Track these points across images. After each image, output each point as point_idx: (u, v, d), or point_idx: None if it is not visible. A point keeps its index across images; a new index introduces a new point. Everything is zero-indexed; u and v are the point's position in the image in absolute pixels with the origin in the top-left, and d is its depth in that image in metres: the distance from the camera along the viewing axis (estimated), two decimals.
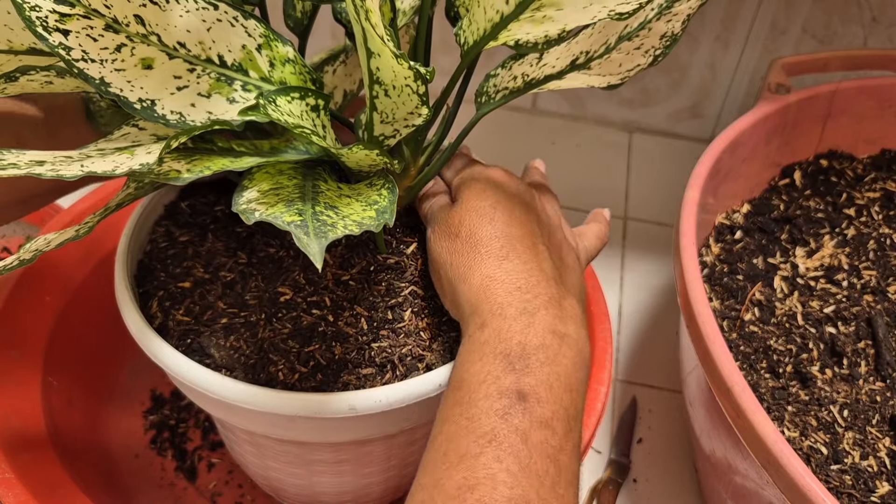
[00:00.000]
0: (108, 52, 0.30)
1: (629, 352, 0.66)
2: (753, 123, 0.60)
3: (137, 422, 0.57)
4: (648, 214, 0.79)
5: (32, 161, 0.29)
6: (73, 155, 0.30)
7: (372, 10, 0.27)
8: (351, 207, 0.31)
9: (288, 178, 0.33)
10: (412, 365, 0.38)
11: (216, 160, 0.32)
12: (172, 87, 0.32)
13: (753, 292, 0.55)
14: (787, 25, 0.76)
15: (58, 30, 0.28)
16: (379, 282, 0.40)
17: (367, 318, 0.39)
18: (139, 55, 0.31)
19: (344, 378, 0.37)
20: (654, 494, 0.57)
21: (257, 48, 0.33)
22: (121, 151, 0.31)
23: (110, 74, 0.30)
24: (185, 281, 0.40)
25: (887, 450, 0.46)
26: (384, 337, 0.38)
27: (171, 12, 0.31)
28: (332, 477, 0.45)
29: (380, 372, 0.37)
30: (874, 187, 0.64)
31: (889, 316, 0.53)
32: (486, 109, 0.40)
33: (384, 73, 0.31)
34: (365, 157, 0.33)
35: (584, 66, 0.38)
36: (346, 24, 0.42)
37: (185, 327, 0.38)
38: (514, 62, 0.39)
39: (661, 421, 0.61)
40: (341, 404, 0.35)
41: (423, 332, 0.39)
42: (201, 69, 0.32)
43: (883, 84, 0.65)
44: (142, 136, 0.34)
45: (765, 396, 0.49)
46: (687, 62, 0.81)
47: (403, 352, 0.38)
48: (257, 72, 0.34)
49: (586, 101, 0.87)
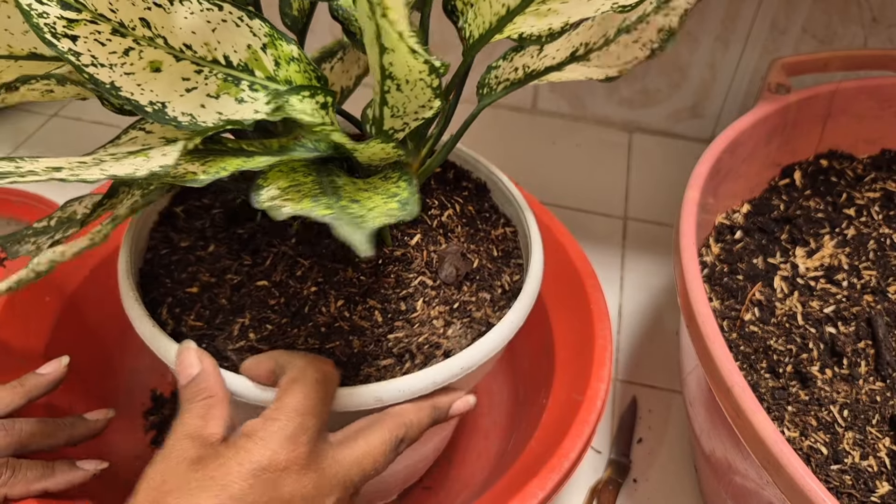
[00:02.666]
0: (116, 56, 0.30)
1: (629, 352, 0.66)
2: (753, 123, 0.60)
3: (138, 422, 0.57)
4: (648, 214, 0.79)
5: (49, 168, 0.29)
6: (86, 160, 0.30)
7: (391, 6, 0.27)
8: (372, 201, 0.32)
9: (303, 175, 0.33)
10: (430, 353, 0.38)
11: (230, 160, 0.32)
12: (181, 89, 0.32)
13: (753, 292, 0.55)
14: (788, 25, 0.76)
15: (66, 36, 0.29)
16: (388, 274, 0.40)
17: (380, 310, 0.39)
18: (147, 58, 0.31)
19: (364, 371, 0.37)
20: (654, 494, 0.57)
21: (262, 47, 0.33)
22: (135, 155, 0.31)
23: (120, 78, 0.30)
24: (191, 286, 0.40)
25: (887, 450, 0.46)
26: (399, 328, 0.39)
27: (176, 14, 0.31)
28: None
29: (398, 362, 0.38)
30: (874, 187, 0.64)
31: (889, 316, 0.53)
32: (487, 101, 0.40)
33: (398, 68, 0.31)
34: (381, 150, 0.33)
35: (584, 58, 0.39)
36: (343, 21, 0.42)
37: (199, 332, 0.38)
38: (516, 54, 0.40)
39: (661, 421, 0.61)
40: (368, 396, 0.35)
41: (435, 321, 0.39)
42: (208, 70, 0.32)
43: (883, 84, 0.65)
44: (150, 139, 0.34)
45: (765, 396, 0.49)
46: (687, 62, 0.81)
47: (420, 341, 0.38)
48: (263, 71, 0.34)
49: (586, 101, 0.87)
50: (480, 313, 0.41)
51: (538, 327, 0.56)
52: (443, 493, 0.54)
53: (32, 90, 0.33)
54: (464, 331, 0.40)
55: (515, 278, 0.44)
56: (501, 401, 0.60)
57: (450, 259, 0.42)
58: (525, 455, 0.48)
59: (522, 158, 0.85)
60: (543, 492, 0.42)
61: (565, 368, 0.52)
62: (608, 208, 0.80)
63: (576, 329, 0.53)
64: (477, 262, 0.44)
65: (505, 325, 0.40)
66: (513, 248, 0.46)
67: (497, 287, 0.43)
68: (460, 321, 0.40)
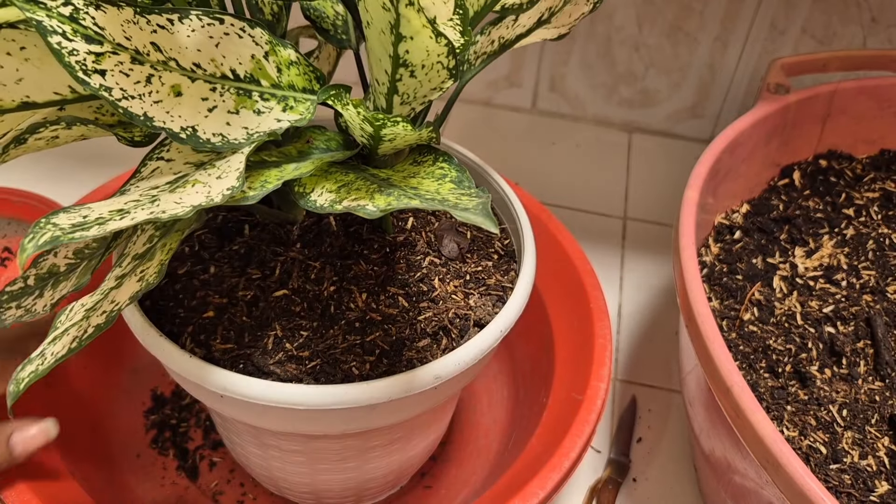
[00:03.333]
0: (141, 85, 0.30)
1: (629, 351, 0.66)
2: (753, 124, 0.60)
3: (138, 421, 0.57)
4: (648, 214, 0.79)
5: (113, 212, 0.28)
6: (141, 199, 0.30)
7: None
8: (424, 187, 0.32)
9: (342, 174, 0.33)
10: (464, 325, 0.40)
11: (267, 173, 0.32)
12: (204, 110, 0.32)
13: (753, 292, 0.55)
14: (787, 26, 0.76)
15: (96, 71, 0.28)
16: (398, 260, 0.41)
17: (403, 295, 0.40)
18: (167, 83, 0.30)
19: (406, 355, 0.38)
20: (654, 494, 0.57)
21: (265, 55, 0.33)
22: (177, 186, 0.31)
23: (151, 108, 0.30)
24: (206, 311, 0.40)
25: (886, 449, 0.46)
26: (426, 308, 0.40)
27: (179, 34, 0.31)
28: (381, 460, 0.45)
29: (435, 340, 0.39)
30: (873, 187, 0.64)
31: (888, 316, 0.53)
32: (468, 76, 0.41)
33: (415, 54, 0.31)
34: (410, 134, 0.33)
35: (547, 22, 0.40)
36: (315, 21, 0.42)
37: (233, 354, 0.38)
38: (493, 27, 0.41)
39: (661, 420, 0.61)
40: (427, 377, 0.36)
41: (455, 296, 0.41)
42: (221, 87, 0.32)
43: (882, 84, 0.65)
44: (176, 166, 0.33)
45: (764, 396, 0.49)
46: (686, 62, 0.81)
47: (449, 316, 0.40)
48: (267, 79, 0.34)
49: (586, 101, 0.87)
50: (492, 280, 0.43)
51: (538, 326, 0.56)
52: (443, 492, 0.54)
53: (39, 140, 0.32)
54: (484, 299, 0.42)
55: (506, 242, 0.46)
56: (501, 399, 0.60)
57: (447, 235, 0.44)
58: (525, 454, 0.48)
59: (522, 159, 0.85)
60: (544, 491, 0.43)
61: (565, 367, 0.52)
62: (608, 208, 0.80)
63: (575, 328, 0.53)
64: (469, 232, 0.45)
65: (522, 284, 0.41)
66: (496, 215, 0.48)
67: (493, 253, 0.45)
68: (477, 291, 0.42)
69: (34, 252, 0.26)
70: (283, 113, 0.33)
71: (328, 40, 0.43)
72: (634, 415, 0.61)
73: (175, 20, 0.31)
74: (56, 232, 0.26)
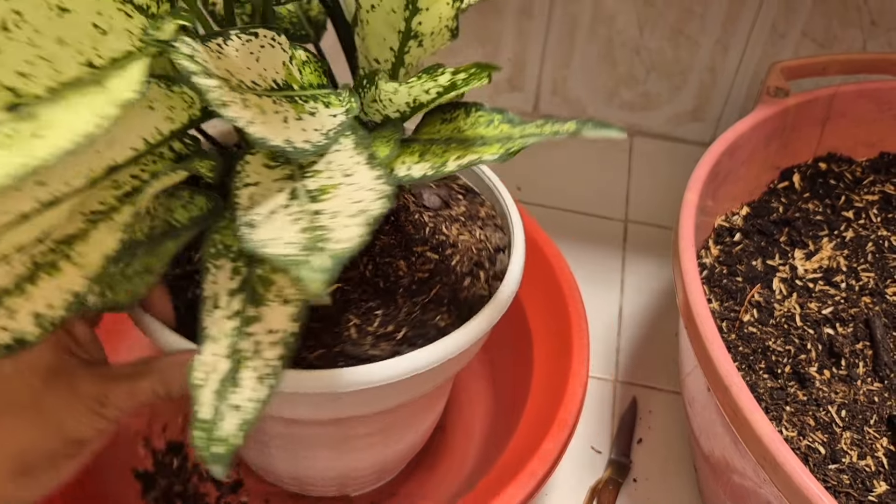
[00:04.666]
0: (246, 110, 0.29)
1: (629, 353, 0.67)
2: (752, 126, 0.60)
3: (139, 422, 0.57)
4: (649, 217, 0.80)
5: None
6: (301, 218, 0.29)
7: None
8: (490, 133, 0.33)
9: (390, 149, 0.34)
10: (492, 257, 0.43)
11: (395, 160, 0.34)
12: (282, 122, 0.31)
13: (752, 294, 0.56)
14: (787, 29, 0.76)
15: (224, 104, 0.28)
16: (405, 224, 0.43)
17: (430, 250, 0.42)
18: (253, 104, 0.30)
19: (461, 296, 0.41)
20: (654, 494, 0.57)
21: (290, 59, 0.34)
22: (319, 197, 0.31)
23: (261, 129, 0.29)
24: None
25: (885, 449, 0.46)
26: (452, 255, 0.43)
27: (229, 56, 0.30)
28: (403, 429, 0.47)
29: (474, 276, 0.42)
30: (873, 190, 0.65)
31: (887, 317, 0.54)
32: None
33: (427, 24, 0.32)
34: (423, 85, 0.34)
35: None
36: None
37: (329, 356, 0.38)
38: None
39: (661, 421, 0.62)
40: (504, 296, 0.40)
41: (463, 236, 0.44)
42: (276, 98, 0.32)
43: (882, 87, 0.66)
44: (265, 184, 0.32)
45: (763, 396, 0.49)
46: (687, 66, 0.82)
47: (474, 252, 0.43)
48: (295, 82, 0.34)
49: (587, 105, 0.88)
50: (484, 212, 0.46)
51: (516, 328, 0.57)
52: (420, 494, 0.54)
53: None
54: (487, 230, 0.45)
55: (460, 183, 0.49)
56: (480, 401, 0.60)
57: (424, 190, 0.46)
58: (505, 456, 0.48)
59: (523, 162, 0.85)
60: (524, 492, 0.43)
61: (543, 370, 0.53)
62: (609, 211, 0.80)
63: (553, 331, 0.54)
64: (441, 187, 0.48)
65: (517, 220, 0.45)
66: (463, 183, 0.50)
67: (459, 195, 0.48)
68: (476, 226, 0.45)
69: None
70: (326, 109, 0.33)
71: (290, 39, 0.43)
72: (635, 416, 0.62)
73: (221, 43, 0.30)
74: None
